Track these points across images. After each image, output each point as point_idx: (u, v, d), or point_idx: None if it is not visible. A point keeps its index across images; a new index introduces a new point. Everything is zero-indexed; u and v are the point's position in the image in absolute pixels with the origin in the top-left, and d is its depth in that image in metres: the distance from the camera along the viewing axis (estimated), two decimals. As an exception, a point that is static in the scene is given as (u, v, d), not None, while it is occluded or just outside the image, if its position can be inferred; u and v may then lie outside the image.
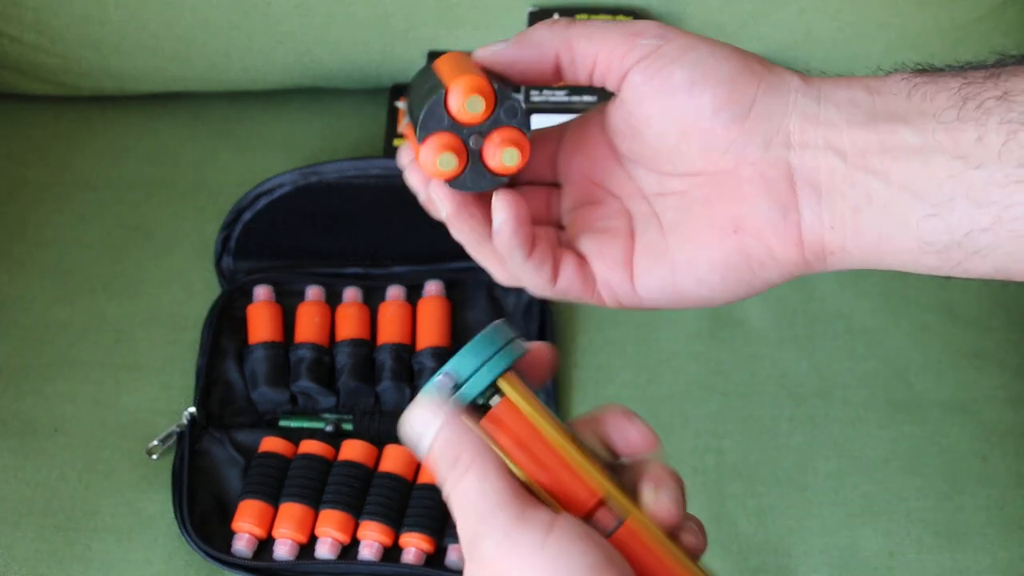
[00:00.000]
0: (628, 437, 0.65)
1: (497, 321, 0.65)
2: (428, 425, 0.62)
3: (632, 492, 0.65)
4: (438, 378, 0.63)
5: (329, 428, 1.14)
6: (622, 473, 0.66)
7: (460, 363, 0.63)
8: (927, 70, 0.66)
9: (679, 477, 0.66)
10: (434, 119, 0.67)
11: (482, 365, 0.63)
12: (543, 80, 0.70)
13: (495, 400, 0.63)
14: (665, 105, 0.67)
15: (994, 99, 0.62)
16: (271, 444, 1.11)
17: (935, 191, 0.63)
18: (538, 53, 0.69)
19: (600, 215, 0.71)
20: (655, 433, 0.65)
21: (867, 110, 0.64)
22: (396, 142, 1.28)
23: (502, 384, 0.63)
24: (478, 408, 0.64)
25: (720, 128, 0.66)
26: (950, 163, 0.62)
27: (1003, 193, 0.62)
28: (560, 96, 1.23)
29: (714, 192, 0.67)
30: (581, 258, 0.71)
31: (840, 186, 0.65)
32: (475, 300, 1.19)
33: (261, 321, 1.17)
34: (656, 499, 0.64)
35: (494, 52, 0.69)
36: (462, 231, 0.70)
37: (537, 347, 0.67)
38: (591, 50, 0.68)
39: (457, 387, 0.63)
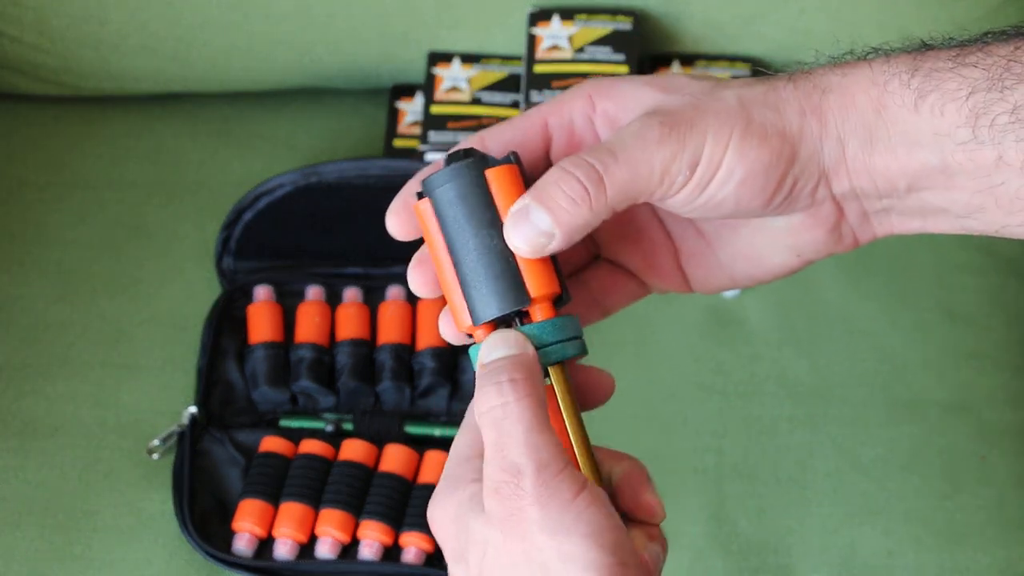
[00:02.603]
0: (639, 500, 0.66)
1: (574, 316, 0.66)
2: (508, 349, 0.64)
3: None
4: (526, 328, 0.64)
5: (329, 428, 1.14)
6: (618, 506, 0.67)
7: (542, 330, 0.64)
8: (917, 52, 0.67)
9: (665, 545, 0.67)
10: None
11: (550, 344, 0.64)
12: None
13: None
14: (710, 216, 0.68)
15: (1005, 115, 0.64)
16: (271, 444, 1.11)
17: (964, 204, 0.66)
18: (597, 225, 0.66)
19: (620, 218, 0.70)
20: (663, 508, 0.67)
21: (883, 137, 0.66)
22: (396, 142, 1.28)
23: (552, 372, 0.64)
24: None
25: (770, 214, 0.68)
26: (974, 181, 0.65)
27: None
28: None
29: (764, 224, 0.70)
30: (625, 274, 0.72)
31: (878, 202, 0.68)
32: (475, 300, 1.19)
33: (261, 321, 1.17)
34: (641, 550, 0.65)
35: (563, 242, 0.65)
36: None
37: (599, 373, 0.69)
38: (635, 191, 0.65)
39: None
